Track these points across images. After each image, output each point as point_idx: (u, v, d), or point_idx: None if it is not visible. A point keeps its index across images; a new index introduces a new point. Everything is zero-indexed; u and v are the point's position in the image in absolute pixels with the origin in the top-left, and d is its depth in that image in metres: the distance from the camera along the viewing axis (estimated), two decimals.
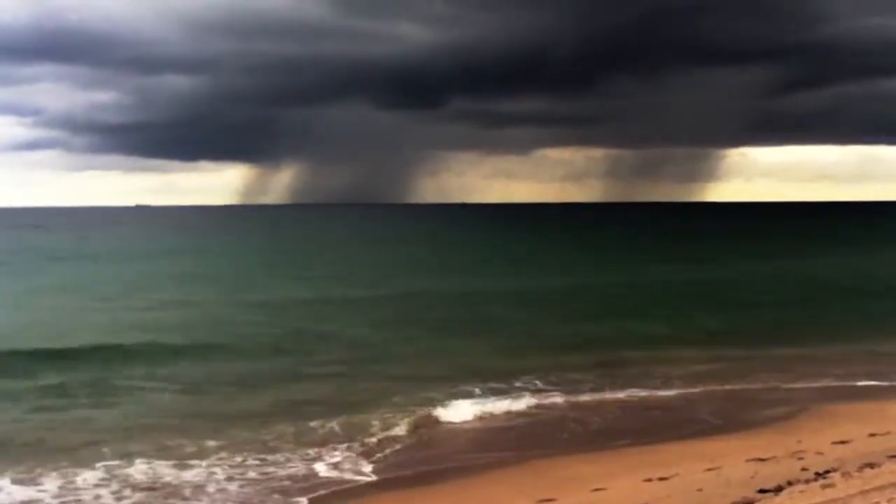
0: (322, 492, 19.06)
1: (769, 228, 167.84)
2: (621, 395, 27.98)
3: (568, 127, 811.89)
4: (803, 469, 17.48)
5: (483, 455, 21.62)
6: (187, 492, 18.98)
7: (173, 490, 19.03)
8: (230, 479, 19.72)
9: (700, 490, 16.73)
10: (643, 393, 28.29)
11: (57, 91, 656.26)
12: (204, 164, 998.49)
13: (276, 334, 38.35)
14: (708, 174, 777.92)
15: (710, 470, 18.64)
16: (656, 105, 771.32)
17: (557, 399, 27.45)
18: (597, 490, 17.97)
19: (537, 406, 26.60)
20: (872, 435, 20.85)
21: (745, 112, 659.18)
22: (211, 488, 19.22)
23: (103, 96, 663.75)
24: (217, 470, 20.22)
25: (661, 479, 18.27)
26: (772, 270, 71.18)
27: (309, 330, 39.97)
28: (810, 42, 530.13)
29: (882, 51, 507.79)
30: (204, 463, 20.67)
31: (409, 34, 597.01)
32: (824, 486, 16.04)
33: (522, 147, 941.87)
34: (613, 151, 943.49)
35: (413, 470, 20.51)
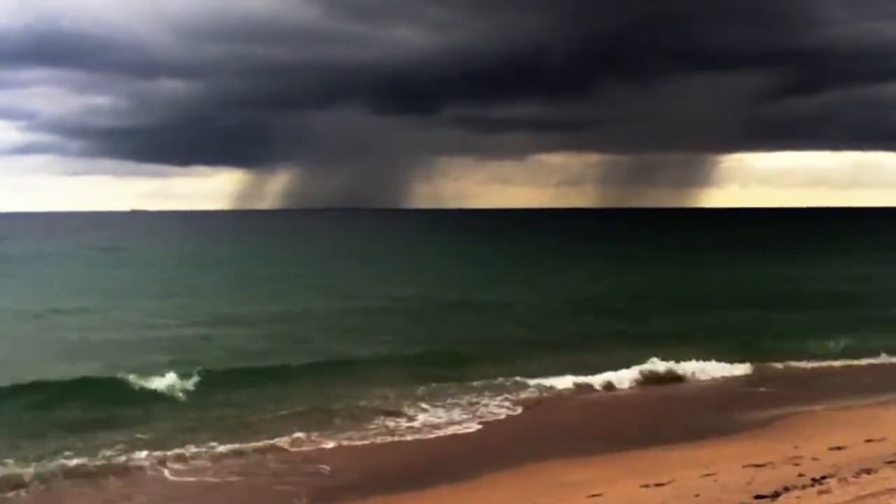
0: (316, 494, 19.09)
1: (764, 234, 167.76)
2: (614, 399, 27.97)
3: (563, 132, 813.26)
4: (800, 475, 17.48)
5: (476, 459, 21.59)
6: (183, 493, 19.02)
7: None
8: (227, 482, 19.78)
9: (697, 496, 16.72)
10: (637, 396, 28.31)
11: (51, 95, 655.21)
12: (199, 168, 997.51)
13: (236, 348, 36.99)
14: (703, 180, 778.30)
15: (706, 476, 18.63)
16: (652, 110, 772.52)
17: (550, 404, 27.47)
18: (593, 496, 17.92)
19: (530, 410, 26.60)
20: (869, 441, 20.87)
21: (741, 118, 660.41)
22: (206, 492, 19.27)
23: (97, 100, 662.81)
24: (211, 475, 20.26)
25: (657, 484, 18.25)
26: (764, 276, 71.19)
27: (283, 339, 39.19)
28: (804, 48, 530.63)
29: (875, 56, 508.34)
30: (199, 465, 20.74)
31: (404, 39, 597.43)
32: (821, 492, 16.05)
33: (518, 152, 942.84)
34: (609, 157, 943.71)
35: (405, 475, 20.50)
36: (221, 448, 22.02)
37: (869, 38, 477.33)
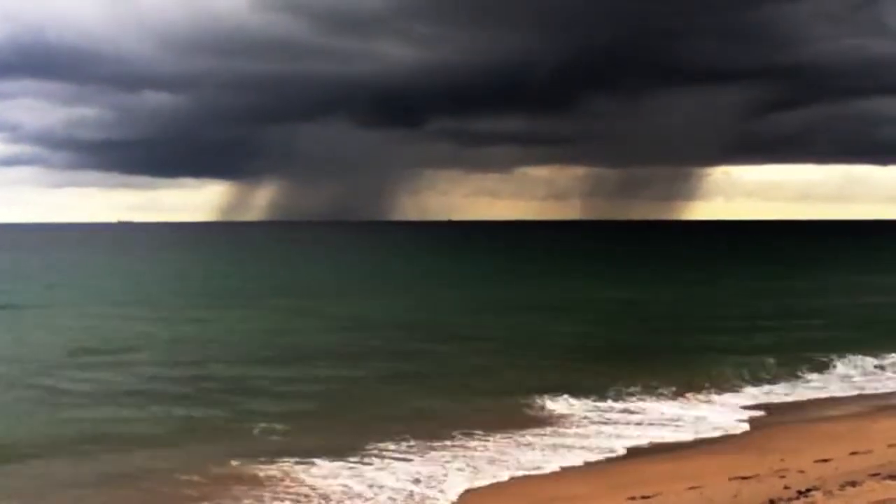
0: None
1: (751, 247, 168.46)
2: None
3: (549, 145, 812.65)
4: (785, 487, 17.51)
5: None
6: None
7: None
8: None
9: None
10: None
11: (35, 107, 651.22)
12: (186, 180, 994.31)
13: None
14: (690, 193, 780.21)
15: (692, 489, 18.64)
16: (638, 124, 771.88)
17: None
18: None
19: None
20: (853, 453, 20.91)
21: (727, 131, 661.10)
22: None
23: (83, 112, 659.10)
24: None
25: (644, 497, 18.26)
26: (749, 289, 71.36)
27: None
28: (789, 63, 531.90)
29: (860, 72, 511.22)
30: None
31: (390, 53, 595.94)
32: None
33: (504, 165, 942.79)
34: (595, 170, 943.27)
35: None
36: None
37: (854, 53, 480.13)
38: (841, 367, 35.49)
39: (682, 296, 65.46)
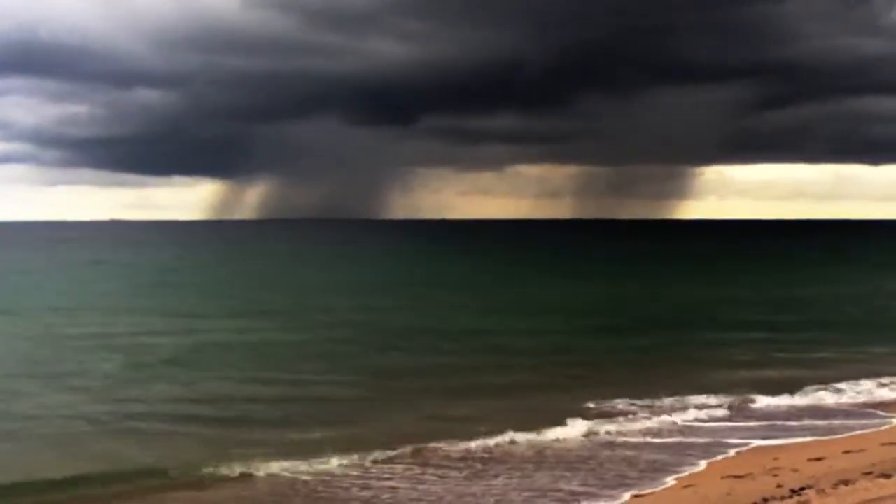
0: None
1: (742, 248, 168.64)
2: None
3: (542, 144, 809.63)
4: (778, 486, 17.56)
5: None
6: None
7: None
8: None
9: None
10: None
11: (28, 104, 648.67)
12: (177, 178, 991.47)
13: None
14: (682, 192, 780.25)
15: (686, 487, 18.70)
16: (631, 123, 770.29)
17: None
18: None
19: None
20: (847, 452, 20.96)
21: (720, 130, 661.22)
22: None
23: (74, 110, 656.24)
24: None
25: (636, 496, 18.32)
26: (751, 289, 71.48)
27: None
28: (782, 62, 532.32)
29: (852, 71, 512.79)
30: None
31: (382, 50, 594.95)
32: (799, 503, 16.18)
33: (497, 163, 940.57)
34: (588, 168, 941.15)
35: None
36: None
37: (846, 52, 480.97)
38: (836, 367, 35.36)
39: (682, 297, 65.17)
